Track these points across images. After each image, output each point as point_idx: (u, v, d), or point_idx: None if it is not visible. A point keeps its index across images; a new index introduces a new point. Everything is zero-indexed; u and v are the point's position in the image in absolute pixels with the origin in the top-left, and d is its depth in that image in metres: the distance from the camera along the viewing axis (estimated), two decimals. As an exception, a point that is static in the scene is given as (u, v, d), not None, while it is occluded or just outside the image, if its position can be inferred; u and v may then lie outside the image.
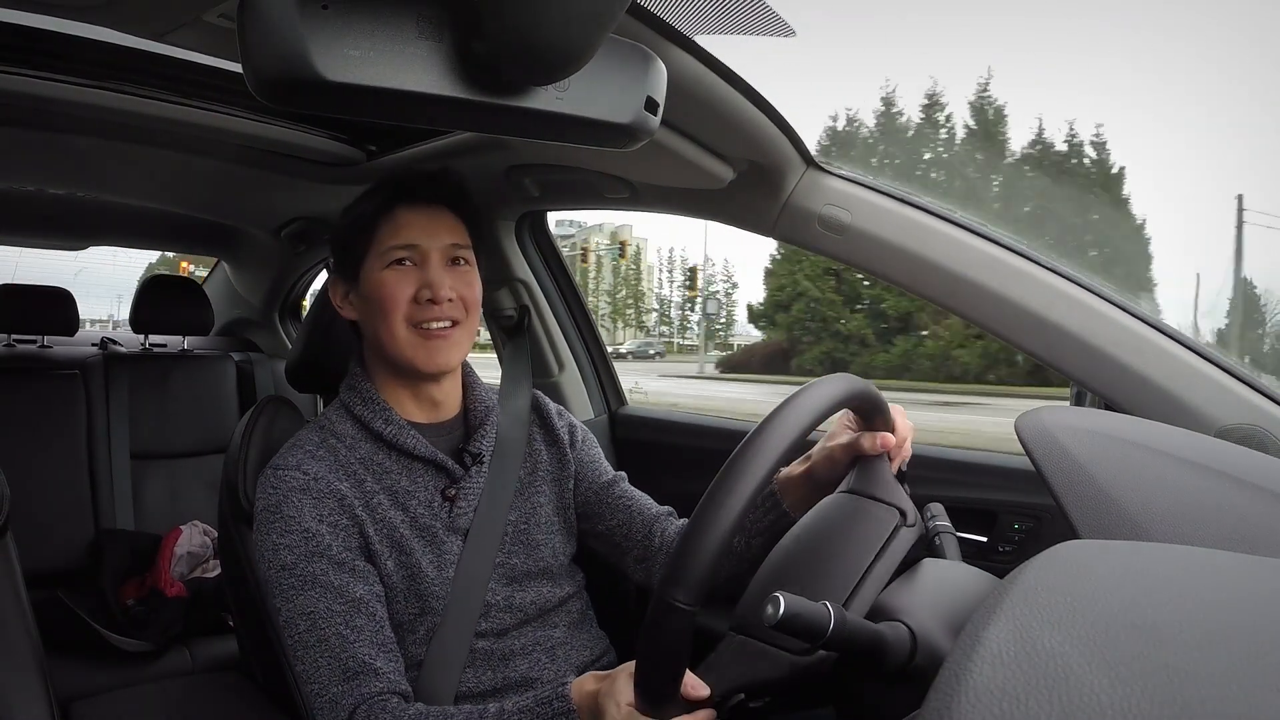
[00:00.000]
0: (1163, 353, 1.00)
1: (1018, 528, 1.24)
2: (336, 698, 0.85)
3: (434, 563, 0.95)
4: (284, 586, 0.89)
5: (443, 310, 0.95)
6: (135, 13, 0.84)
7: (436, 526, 0.96)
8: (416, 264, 0.95)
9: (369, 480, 0.95)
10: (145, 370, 2.17)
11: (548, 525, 1.05)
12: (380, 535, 0.93)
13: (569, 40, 0.59)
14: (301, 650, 0.87)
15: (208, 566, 1.89)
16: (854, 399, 0.76)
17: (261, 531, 0.92)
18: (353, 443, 0.97)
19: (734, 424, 1.66)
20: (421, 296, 0.94)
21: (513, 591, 0.99)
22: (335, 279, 1.02)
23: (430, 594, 0.94)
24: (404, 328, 0.94)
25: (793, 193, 1.19)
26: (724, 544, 0.62)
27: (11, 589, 0.95)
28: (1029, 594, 0.36)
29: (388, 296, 0.94)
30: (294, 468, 0.93)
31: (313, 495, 0.91)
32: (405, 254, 0.95)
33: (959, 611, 0.65)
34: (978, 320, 1.10)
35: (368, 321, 0.98)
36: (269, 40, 0.52)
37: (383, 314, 0.94)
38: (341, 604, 0.88)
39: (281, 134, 1.38)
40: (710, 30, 0.93)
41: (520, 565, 1.01)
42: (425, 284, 0.94)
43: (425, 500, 0.97)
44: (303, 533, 0.89)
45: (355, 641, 0.86)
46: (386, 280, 0.94)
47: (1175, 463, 0.58)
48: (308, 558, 0.89)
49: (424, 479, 0.98)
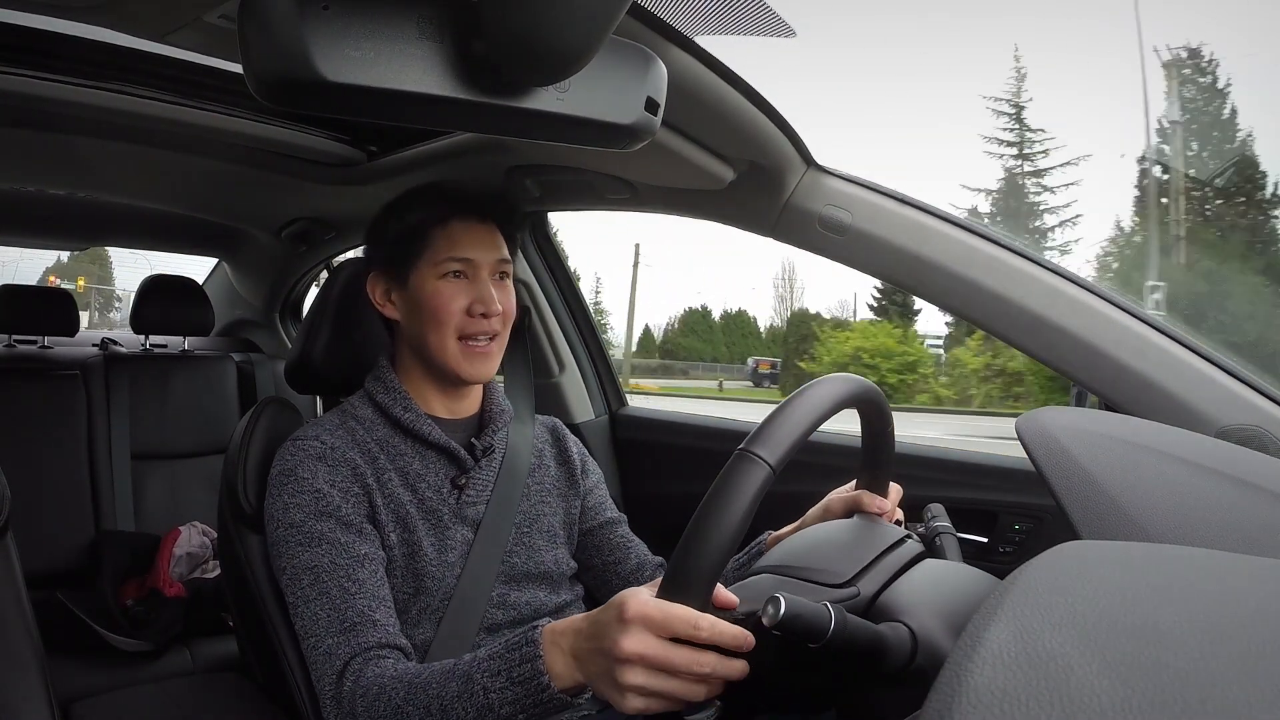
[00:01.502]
0: (1163, 353, 1.00)
1: (1018, 528, 1.24)
2: (332, 649, 0.85)
3: (435, 545, 0.97)
4: (290, 543, 0.91)
5: (491, 325, 0.99)
6: (136, 13, 0.84)
7: (444, 511, 0.99)
8: (468, 277, 0.99)
9: (382, 458, 0.99)
10: (146, 371, 2.17)
11: (550, 534, 1.07)
12: (387, 508, 0.96)
13: (570, 41, 0.59)
14: (302, 605, 0.89)
15: (207, 567, 1.89)
16: (856, 399, 0.76)
17: (274, 494, 0.95)
18: (370, 425, 1.01)
19: (734, 424, 1.66)
20: (474, 310, 0.98)
21: (509, 590, 1.01)
22: (376, 276, 1.04)
23: (427, 574, 0.96)
24: (454, 340, 0.99)
25: (793, 193, 1.19)
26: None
27: (12, 589, 0.95)
28: (1030, 595, 0.36)
29: (443, 308, 0.98)
30: (312, 438, 0.97)
31: (328, 462, 0.95)
32: (460, 266, 0.99)
33: (960, 612, 0.64)
34: (978, 321, 1.10)
35: (412, 325, 1.01)
36: (270, 41, 0.52)
37: (436, 324, 0.98)
38: (345, 559, 0.90)
39: (282, 134, 1.38)
40: (710, 30, 0.93)
41: (520, 565, 1.02)
42: (478, 298, 0.98)
43: (435, 485, 1.00)
44: (314, 493, 0.92)
45: (356, 594, 0.88)
46: (442, 291, 0.98)
47: (1175, 463, 0.58)
48: (316, 516, 0.91)
49: (435, 465, 1.01)
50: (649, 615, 0.63)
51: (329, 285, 1.15)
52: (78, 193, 1.93)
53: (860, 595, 0.68)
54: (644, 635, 0.63)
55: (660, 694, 0.64)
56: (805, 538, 0.80)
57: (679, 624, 0.62)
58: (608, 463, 1.76)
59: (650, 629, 0.63)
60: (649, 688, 0.63)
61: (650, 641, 0.63)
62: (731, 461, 0.63)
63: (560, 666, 0.70)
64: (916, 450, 1.37)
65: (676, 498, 1.12)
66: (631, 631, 0.63)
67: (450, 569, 0.98)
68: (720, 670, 0.64)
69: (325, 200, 1.80)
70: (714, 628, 0.62)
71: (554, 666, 0.70)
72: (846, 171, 1.19)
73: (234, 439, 1.08)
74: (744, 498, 0.61)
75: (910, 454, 1.34)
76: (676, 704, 0.65)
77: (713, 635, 0.62)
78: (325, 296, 1.14)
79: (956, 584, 0.71)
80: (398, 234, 1.01)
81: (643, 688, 0.63)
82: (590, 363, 1.82)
